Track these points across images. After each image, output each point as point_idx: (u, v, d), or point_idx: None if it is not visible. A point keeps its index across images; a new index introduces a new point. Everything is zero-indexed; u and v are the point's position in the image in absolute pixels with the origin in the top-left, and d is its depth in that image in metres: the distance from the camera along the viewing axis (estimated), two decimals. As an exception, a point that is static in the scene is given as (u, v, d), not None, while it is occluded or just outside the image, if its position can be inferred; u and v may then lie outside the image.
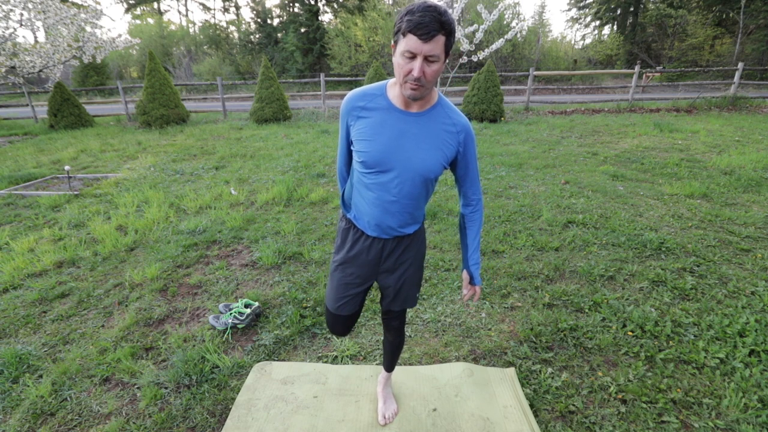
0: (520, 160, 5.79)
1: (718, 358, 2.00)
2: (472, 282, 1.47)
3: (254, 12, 28.93)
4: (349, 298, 1.45)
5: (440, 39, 1.01)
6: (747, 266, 2.85)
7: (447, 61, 1.08)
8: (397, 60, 1.06)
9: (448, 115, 1.21)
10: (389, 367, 1.75)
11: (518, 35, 18.59)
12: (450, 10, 8.06)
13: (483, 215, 1.41)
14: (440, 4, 1.03)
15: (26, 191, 5.00)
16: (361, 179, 1.27)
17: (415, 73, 1.03)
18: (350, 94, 1.22)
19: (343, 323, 1.53)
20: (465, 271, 1.48)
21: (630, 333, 2.20)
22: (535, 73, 11.41)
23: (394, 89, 1.19)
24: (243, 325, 2.32)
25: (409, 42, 1.01)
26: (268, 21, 27.99)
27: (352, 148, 1.27)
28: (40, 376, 2.02)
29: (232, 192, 4.73)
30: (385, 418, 1.71)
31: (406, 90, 1.09)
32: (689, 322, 2.27)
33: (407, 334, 2.26)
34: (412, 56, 1.03)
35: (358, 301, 1.48)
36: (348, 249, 1.39)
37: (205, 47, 29.55)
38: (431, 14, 0.98)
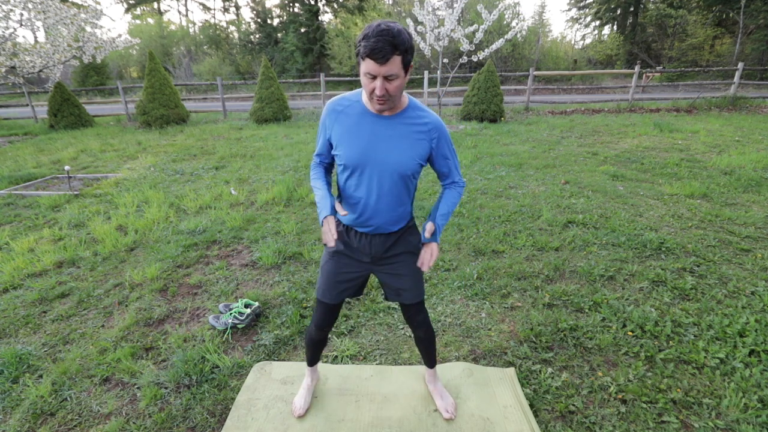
0: (520, 160, 5.79)
1: (718, 358, 2.00)
2: (433, 236, 1.42)
3: (254, 12, 28.95)
4: (338, 285, 1.51)
5: (396, 59, 1.11)
6: (747, 266, 2.85)
7: (409, 73, 1.19)
8: (362, 79, 1.17)
9: (418, 116, 1.30)
10: (430, 363, 1.77)
11: (518, 35, 18.62)
12: (450, 10, 8.11)
13: (461, 195, 1.48)
14: (394, 25, 1.11)
15: (26, 191, 5.01)
16: (344, 181, 1.37)
17: (378, 92, 1.14)
18: (332, 99, 1.36)
19: (329, 313, 1.57)
20: (431, 223, 1.42)
21: (630, 333, 2.20)
22: (535, 73, 11.41)
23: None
24: (243, 325, 2.32)
25: (367, 65, 1.11)
26: (268, 21, 28.01)
27: (333, 152, 1.38)
28: (40, 376, 2.02)
29: (232, 192, 4.73)
30: (448, 412, 1.72)
31: (374, 105, 1.22)
32: (689, 322, 2.27)
33: (407, 334, 2.26)
34: (373, 77, 1.13)
35: (343, 288, 1.52)
36: (337, 242, 1.45)
37: (205, 47, 29.58)
38: (384, 38, 1.07)
